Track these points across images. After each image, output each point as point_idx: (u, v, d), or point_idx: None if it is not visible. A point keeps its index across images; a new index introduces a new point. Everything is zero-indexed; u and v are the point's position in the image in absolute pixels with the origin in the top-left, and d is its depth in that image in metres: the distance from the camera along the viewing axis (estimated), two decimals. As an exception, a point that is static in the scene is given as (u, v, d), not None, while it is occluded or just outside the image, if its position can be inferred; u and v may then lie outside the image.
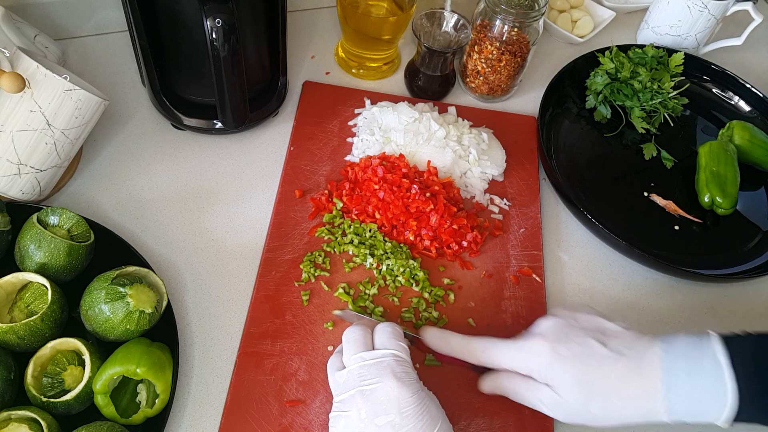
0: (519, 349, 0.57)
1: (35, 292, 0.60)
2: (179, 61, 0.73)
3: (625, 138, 0.88)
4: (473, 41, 0.85)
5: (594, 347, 0.54)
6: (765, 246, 0.78)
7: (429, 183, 0.75)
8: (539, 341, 0.55)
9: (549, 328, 0.56)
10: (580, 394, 0.53)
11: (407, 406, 0.51)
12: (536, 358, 0.55)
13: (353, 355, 0.54)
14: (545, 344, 0.55)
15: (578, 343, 0.54)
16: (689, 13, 0.93)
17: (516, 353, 0.57)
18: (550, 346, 0.55)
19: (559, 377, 0.54)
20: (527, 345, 0.56)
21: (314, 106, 0.84)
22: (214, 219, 0.74)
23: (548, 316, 0.58)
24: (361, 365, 0.53)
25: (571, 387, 0.53)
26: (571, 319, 0.57)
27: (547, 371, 0.55)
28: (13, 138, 0.64)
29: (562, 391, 0.54)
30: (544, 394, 0.55)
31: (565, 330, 0.56)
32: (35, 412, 0.53)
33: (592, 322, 0.56)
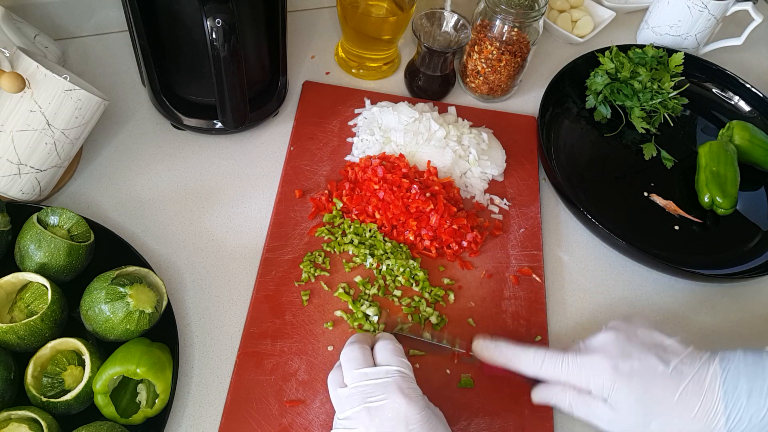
0: (579, 365, 0.55)
1: (35, 292, 0.60)
2: (179, 61, 0.73)
3: (625, 138, 0.88)
4: (473, 41, 0.85)
5: (655, 365, 0.53)
6: (765, 246, 0.78)
7: (429, 183, 0.75)
8: (600, 357, 0.55)
9: (609, 343, 0.56)
10: (641, 412, 0.53)
11: (415, 423, 0.50)
12: (597, 374, 0.54)
13: (355, 370, 0.53)
14: (606, 360, 0.54)
15: (639, 359, 0.54)
16: (689, 13, 0.93)
17: (575, 368, 0.56)
18: (612, 363, 0.54)
19: (620, 394, 0.53)
20: (588, 360, 0.55)
21: (314, 106, 0.84)
22: (214, 219, 0.74)
23: (606, 330, 0.57)
24: (366, 382, 0.52)
25: (632, 405, 0.53)
26: (631, 333, 0.56)
27: (608, 388, 0.54)
28: (13, 138, 0.64)
29: (621, 408, 0.53)
30: (602, 410, 0.54)
31: (625, 345, 0.55)
32: (35, 412, 0.53)
33: (651, 338, 0.55)
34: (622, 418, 0.53)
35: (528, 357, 0.58)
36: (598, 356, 0.55)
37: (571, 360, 0.56)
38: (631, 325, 0.57)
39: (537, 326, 0.69)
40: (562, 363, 0.56)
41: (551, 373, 0.57)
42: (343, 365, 0.55)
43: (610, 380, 0.53)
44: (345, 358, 0.55)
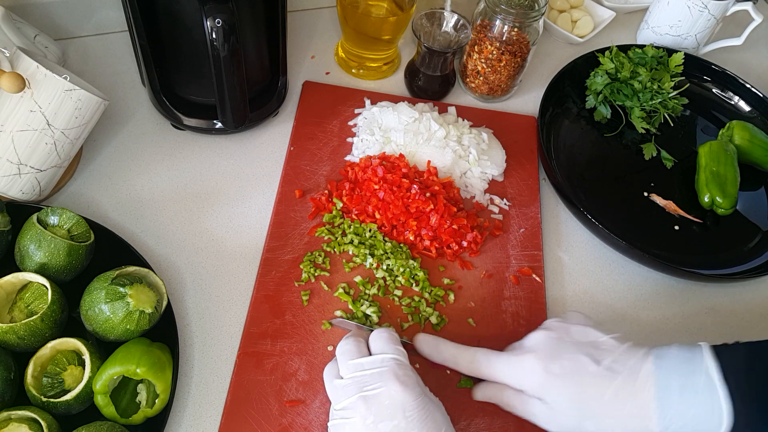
0: (511, 364, 0.56)
1: (35, 292, 0.60)
2: (179, 61, 0.73)
3: (625, 138, 0.88)
4: (473, 41, 0.85)
5: (587, 365, 0.53)
6: (765, 246, 0.78)
7: (429, 183, 0.75)
8: (531, 358, 0.55)
9: (541, 344, 0.56)
10: (574, 412, 0.53)
11: (412, 410, 0.50)
12: (528, 374, 0.55)
13: (350, 361, 0.53)
14: (537, 361, 0.54)
15: (571, 360, 0.54)
16: (689, 13, 0.93)
17: (507, 368, 0.56)
18: (543, 364, 0.54)
19: (552, 395, 0.54)
20: (519, 361, 0.55)
21: (314, 106, 0.84)
22: (214, 219, 0.74)
23: (540, 330, 0.58)
24: (362, 372, 0.52)
25: (564, 405, 0.53)
26: (563, 332, 0.56)
27: (539, 388, 0.54)
28: (13, 138, 0.64)
29: (555, 407, 0.54)
30: (537, 409, 0.55)
31: (557, 345, 0.55)
32: (35, 412, 0.53)
33: (585, 335, 0.55)
34: (557, 417, 0.54)
35: (465, 357, 0.58)
36: (529, 357, 0.55)
37: (504, 361, 0.56)
38: (565, 323, 0.57)
39: (537, 326, 0.69)
40: (496, 363, 0.57)
41: (486, 372, 0.57)
42: (338, 357, 0.55)
43: (541, 381, 0.54)
44: (340, 350, 0.55)
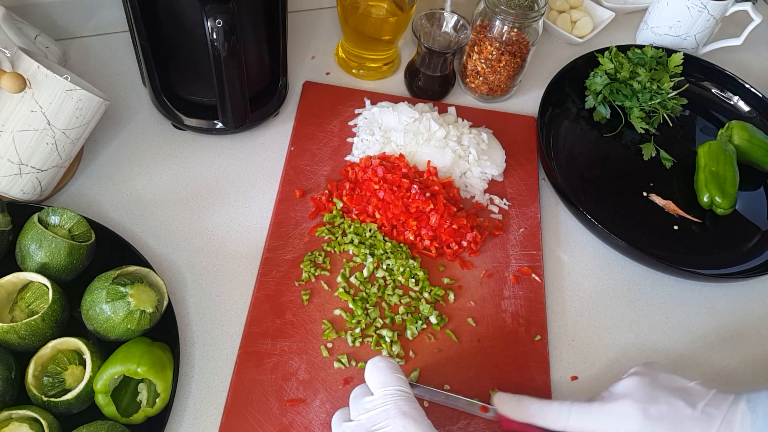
0: (606, 413, 0.54)
1: (36, 292, 0.60)
2: (180, 62, 0.73)
3: (624, 138, 0.88)
4: (473, 41, 0.85)
5: (683, 408, 0.52)
6: (764, 246, 0.79)
7: (429, 183, 0.75)
8: (629, 402, 0.54)
9: (635, 389, 0.55)
10: None
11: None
12: (627, 420, 0.53)
13: (357, 404, 0.51)
14: (635, 405, 0.53)
15: (667, 403, 0.53)
16: (688, 13, 0.93)
17: (603, 417, 0.54)
18: (641, 408, 0.53)
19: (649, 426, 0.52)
20: (615, 408, 0.54)
21: (314, 106, 0.84)
22: (215, 219, 0.74)
23: (630, 376, 0.57)
24: (367, 415, 0.50)
25: None
26: (654, 378, 0.55)
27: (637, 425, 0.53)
28: (14, 138, 0.64)
29: None
30: None
31: (651, 390, 0.54)
32: (36, 412, 0.53)
33: (674, 381, 0.55)
34: None
35: (552, 410, 0.56)
36: (625, 402, 0.54)
37: (598, 409, 0.55)
38: (652, 370, 0.57)
39: (536, 326, 0.69)
40: (589, 412, 0.55)
41: (579, 424, 0.55)
42: (350, 403, 0.53)
43: (640, 426, 0.52)
44: (352, 395, 0.53)
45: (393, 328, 0.67)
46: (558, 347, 0.69)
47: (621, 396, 0.55)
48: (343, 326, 0.67)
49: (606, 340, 0.71)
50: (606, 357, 0.69)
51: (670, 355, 0.70)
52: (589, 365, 0.69)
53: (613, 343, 0.70)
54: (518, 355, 0.67)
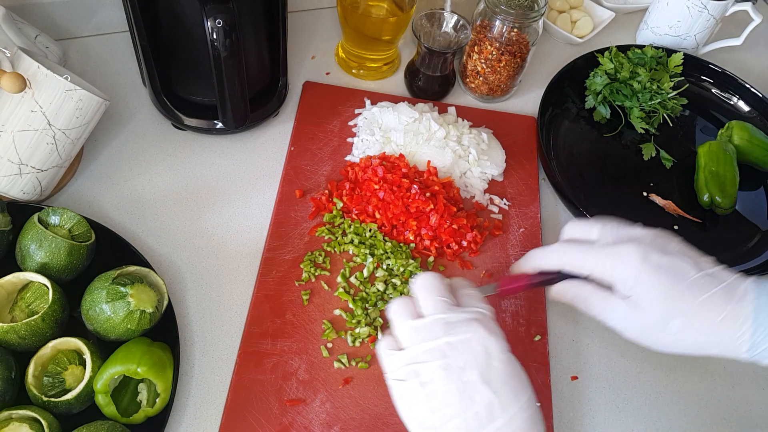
0: (608, 253, 0.51)
1: (36, 292, 0.60)
2: (180, 62, 0.73)
3: (624, 138, 0.88)
4: (473, 41, 0.85)
5: (687, 268, 0.49)
6: (764, 246, 0.79)
7: (429, 183, 0.75)
8: (632, 246, 0.50)
9: (644, 236, 0.52)
10: (662, 308, 0.49)
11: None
12: (626, 262, 0.50)
13: (437, 297, 0.48)
14: (638, 249, 0.50)
15: (672, 257, 0.50)
16: (688, 13, 0.93)
17: (603, 256, 0.51)
18: (643, 252, 0.50)
19: (644, 287, 0.49)
20: (618, 248, 0.51)
21: (314, 106, 0.84)
22: (215, 219, 0.74)
23: (645, 228, 0.53)
24: (447, 315, 0.47)
25: (656, 298, 0.49)
26: (669, 239, 0.52)
27: (633, 278, 0.50)
28: (14, 138, 0.64)
29: (643, 301, 0.49)
30: (618, 306, 0.51)
31: (661, 242, 0.51)
32: (36, 412, 0.53)
33: (687, 249, 0.52)
34: (641, 314, 0.50)
35: (552, 249, 0.54)
36: (629, 245, 0.50)
37: (597, 250, 0.52)
38: (669, 234, 0.53)
39: (537, 325, 0.69)
40: (587, 250, 0.52)
41: (575, 260, 0.53)
42: (419, 293, 0.49)
43: (637, 270, 0.50)
44: (421, 285, 0.49)
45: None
46: (558, 347, 0.69)
47: (626, 239, 0.52)
48: (343, 326, 0.67)
49: (606, 340, 0.71)
50: (606, 357, 0.69)
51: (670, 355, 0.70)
52: (589, 365, 0.69)
53: (613, 344, 0.70)
54: (518, 355, 0.66)
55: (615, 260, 0.51)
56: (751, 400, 0.68)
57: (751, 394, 0.69)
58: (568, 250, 0.53)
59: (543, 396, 0.65)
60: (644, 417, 0.66)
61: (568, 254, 0.53)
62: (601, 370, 0.69)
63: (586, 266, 0.52)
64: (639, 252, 0.50)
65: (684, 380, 0.69)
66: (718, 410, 0.68)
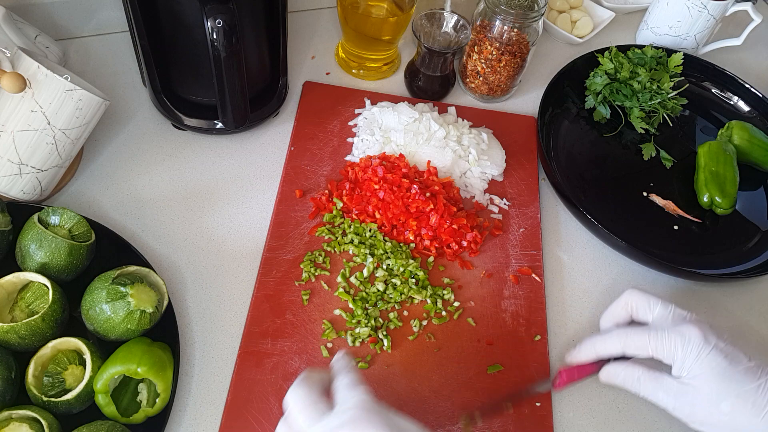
0: (671, 333, 0.53)
1: (36, 292, 0.60)
2: (180, 62, 0.73)
3: (624, 138, 0.88)
4: (473, 42, 0.85)
5: (741, 354, 0.52)
6: (764, 245, 0.79)
7: (429, 183, 0.75)
8: (695, 327, 0.53)
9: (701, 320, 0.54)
10: (719, 388, 0.51)
11: None
12: (689, 341, 0.52)
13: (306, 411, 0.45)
14: (701, 330, 0.53)
15: (727, 342, 0.53)
16: (688, 13, 0.93)
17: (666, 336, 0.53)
18: (705, 334, 0.52)
19: (704, 366, 0.51)
20: (681, 329, 0.53)
21: (314, 106, 0.84)
22: (215, 219, 0.74)
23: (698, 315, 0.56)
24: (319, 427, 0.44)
25: (712, 378, 0.51)
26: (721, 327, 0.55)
27: (694, 357, 0.52)
28: (14, 138, 0.64)
29: (699, 380, 0.51)
30: (671, 385, 0.53)
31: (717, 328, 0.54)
32: (36, 412, 0.53)
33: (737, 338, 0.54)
34: (692, 393, 0.52)
35: (613, 336, 0.56)
36: (692, 326, 0.53)
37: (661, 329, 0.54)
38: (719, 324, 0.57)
39: (537, 326, 0.69)
40: (649, 332, 0.54)
41: (639, 343, 0.54)
42: (291, 408, 0.46)
43: (698, 349, 0.52)
44: (291, 399, 0.46)
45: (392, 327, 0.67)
46: (558, 347, 0.69)
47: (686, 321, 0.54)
48: (343, 326, 0.67)
49: (606, 340, 0.71)
50: (606, 357, 0.69)
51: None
52: (589, 365, 0.69)
53: (613, 343, 0.70)
54: (518, 355, 0.67)
55: (678, 340, 0.53)
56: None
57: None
58: (630, 334, 0.55)
59: (543, 396, 0.65)
60: (644, 417, 0.66)
61: (631, 338, 0.55)
62: (601, 370, 0.69)
63: (650, 347, 0.54)
64: (701, 333, 0.52)
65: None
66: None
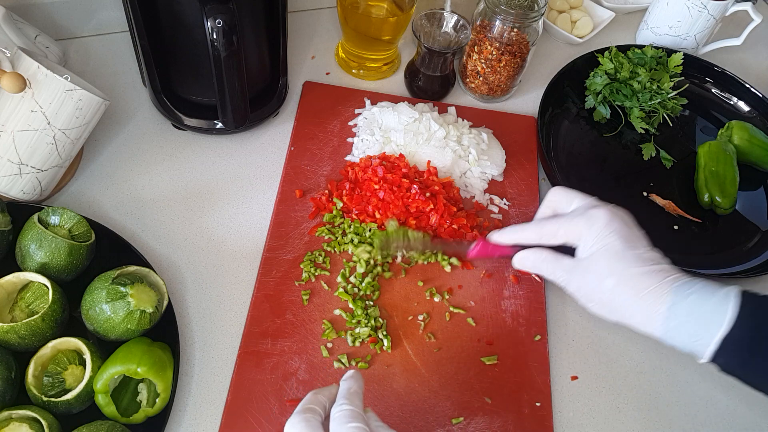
0: (581, 217, 0.57)
1: (36, 292, 0.60)
2: (180, 62, 0.73)
3: (624, 138, 0.88)
4: (473, 42, 0.85)
5: (639, 243, 0.55)
6: (764, 245, 0.79)
7: (429, 183, 0.75)
8: (602, 210, 0.57)
9: (612, 208, 0.58)
10: (606, 264, 0.54)
11: None
12: (593, 223, 0.56)
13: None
14: (606, 213, 0.56)
15: (631, 229, 0.56)
16: (688, 13, 0.93)
17: (576, 220, 0.57)
18: (610, 217, 0.56)
19: (599, 243, 0.55)
20: (587, 212, 0.57)
21: (314, 106, 0.84)
22: (215, 219, 0.74)
23: None
24: None
25: (603, 257, 0.54)
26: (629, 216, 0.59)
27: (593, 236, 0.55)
28: (14, 138, 0.64)
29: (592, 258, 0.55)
30: (568, 262, 0.57)
31: (625, 215, 0.58)
32: (36, 412, 0.53)
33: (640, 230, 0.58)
34: (584, 268, 0.55)
35: (530, 224, 0.60)
36: (600, 209, 0.57)
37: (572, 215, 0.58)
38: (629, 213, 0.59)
39: (537, 325, 0.69)
40: (561, 219, 0.58)
41: (550, 228, 0.58)
42: None
43: (599, 229, 0.55)
44: None
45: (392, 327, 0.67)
46: (558, 347, 0.69)
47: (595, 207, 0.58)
48: (343, 326, 0.67)
49: (606, 340, 0.71)
50: (606, 357, 0.69)
51: (670, 355, 0.70)
52: (589, 365, 0.69)
53: (613, 343, 0.70)
54: (518, 355, 0.67)
55: (584, 222, 0.57)
56: (750, 402, 0.68)
57: (750, 395, 0.69)
58: (545, 223, 0.59)
59: (543, 396, 0.65)
60: (644, 417, 0.66)
61: (545, 226, 0.59)
62: (601, 370, 0.69)
63: (560, 232, 0.58)
64: (607, 217, 0.56)
65: (683, 381, 0.69)
66: (717, 411, 0.68)
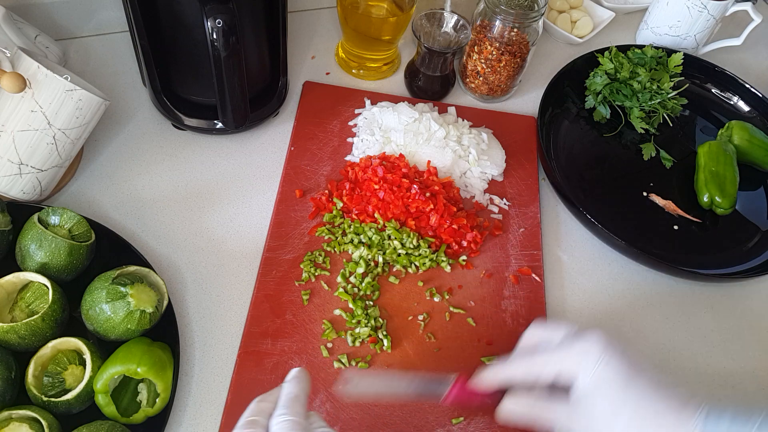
0: (571, 345, 0.51)
1: (36, 292, 0.60)
2: (180, 62, 0.73)
3: (624, 138, 0.88)
4: (473, 41, 0.85)
5: (645, 365, 0.50)
6: (764, 245, 0.79)
7: (429, 183, 0.75)
8: (596, 332, 0.51)
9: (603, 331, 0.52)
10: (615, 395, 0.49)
11: None
12: (590, 349, 0.50)
13: None
14: (601, 334, 0.50)
15: (633, 353, 0.51)
16: (688, 13, 0.93)
17: (568, 350, 0.51)
18: (607, 337, 0.50)
19: (606, 366, 0.49)
20: (581, 337, 0.51)
21: (314, 106, 0.84)
22: (215, 219, 0.74)
23: None
24: None
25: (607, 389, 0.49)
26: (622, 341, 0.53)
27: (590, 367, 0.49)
28: (14, 138, 0.64)
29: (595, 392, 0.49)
30: (564, 407, 0.51)
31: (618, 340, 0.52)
32: (36, 412, 0.53)
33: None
34: (587, 407, 0.50)
35: (516, 361, 0.54)
36: (594, 331, 0.51)
37: (560, 346, 0.52)
38: None
39: (537, 326, 0.69)
40: (550, 351, 0.52)
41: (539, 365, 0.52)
42: None
43: (601, 350, 0.50)
44: None
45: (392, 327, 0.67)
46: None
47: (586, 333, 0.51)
48: (343, 326, 0.67)
49: (606, 340, 0.71)
50: (606, 357, 0.69)
51: (670, 355, 0.70)
52: (589, 365, 0.69)
53: (613, 343, 0.70)
54: (518, 355, 0.67)
55: (578, 350, 0.50)
56: (750, 403, 0.68)
57: (750, 396, 0.69)
58: (531, 360, 0.53)
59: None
60: (644, 417, 0.66)
61: (534, 363, 0.53)
62: (601, 370, 0.69)
63: (549, 367, 0.52)
64: (602, 338, 0.50)
65: (683, 382, 0.69)
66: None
